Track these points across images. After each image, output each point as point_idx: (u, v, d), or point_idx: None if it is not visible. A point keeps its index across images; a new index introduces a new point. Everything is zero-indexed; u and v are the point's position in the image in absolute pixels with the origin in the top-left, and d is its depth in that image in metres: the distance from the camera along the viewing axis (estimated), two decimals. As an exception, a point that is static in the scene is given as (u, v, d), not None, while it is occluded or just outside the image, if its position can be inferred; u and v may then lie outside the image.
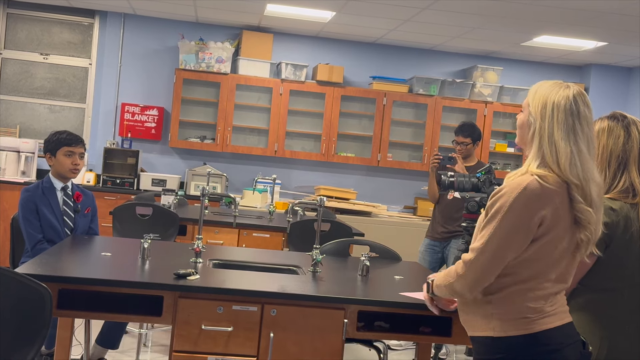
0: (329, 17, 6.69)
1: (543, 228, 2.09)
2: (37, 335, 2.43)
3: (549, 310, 2.13)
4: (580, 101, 2.16)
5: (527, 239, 2.09)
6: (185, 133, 7.51)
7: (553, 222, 2.09)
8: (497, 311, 2.15)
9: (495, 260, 2.10)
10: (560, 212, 2.09)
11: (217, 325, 2.81)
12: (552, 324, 2.12)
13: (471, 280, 2.15)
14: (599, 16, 5.77)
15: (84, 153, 4.14)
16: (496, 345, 2.14)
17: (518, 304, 2.12)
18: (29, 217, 3.95)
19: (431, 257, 5.37)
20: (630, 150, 2.40)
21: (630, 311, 2.41)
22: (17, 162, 7.03)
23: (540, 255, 2.11)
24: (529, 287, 2.13)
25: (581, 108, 2.15)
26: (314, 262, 3.37)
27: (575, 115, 2.13)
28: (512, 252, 2.10)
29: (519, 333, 2.11)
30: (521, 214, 2.07)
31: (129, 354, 4.69)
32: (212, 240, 5.17)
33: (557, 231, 2.10)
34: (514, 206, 2.07)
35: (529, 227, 2.07)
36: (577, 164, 2.10)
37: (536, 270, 2.12)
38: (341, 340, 2.88)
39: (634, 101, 7.89)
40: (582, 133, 2.13)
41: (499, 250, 2.10)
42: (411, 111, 7.87)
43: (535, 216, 2.07)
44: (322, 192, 7.25)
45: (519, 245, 2.10)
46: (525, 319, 2.12)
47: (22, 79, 7.58)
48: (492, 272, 2.12)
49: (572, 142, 2.11)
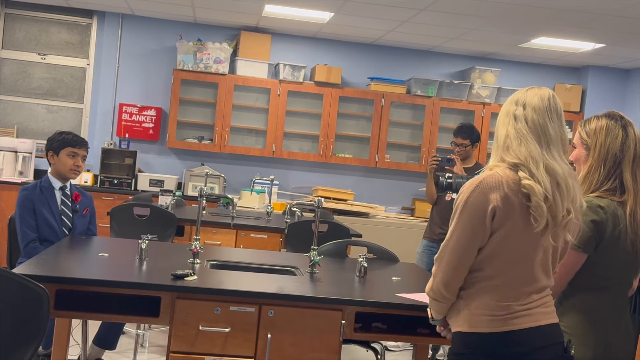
0: (327, 18, 6.69)
1: (497, 220, 2.09)
2: (34, 336, 2.43)
3: (520, 309, 2.12)
4: (533, 92, 2.20)
5: (484, 232, 2.10)
6: (183, 133, 7.51)
7: (506, 213, 2.08)
8: (467, 307, 2.16)
9: (459, 255, 2.13)
10: (511, 200, 2.09)
11: (215, 326, 2.81)
12: (522, 325, 2.10)
13: (442, 277, 2.18)
14: (596, 18, 5.77)
15: (86, 156, 4.14)
16: (464, 340, 2.16)
17: (486, 300, 2.13)
18: (25, 216, 3.95)
19: (428, 259, 5.36)
20: (627, 151, 2.41)
21: (620, 309, 2.44)
22: (15, 162, 7.02)
23: (501, 249, 2.11)
24: (496, 284, 2.13)
25: (529, 98, 2.19)
26: (311, 263, 3.37)
27: (520, 104, 2.18)
28: (473, 247, 2.12)
29: (486, 330, 2.11)
30: (474, 207, 2.10)
31: (126, 354, 4.69)
32: (209, 241, 5.17)
33: (512, 222, 2.09)
34: (469, 201, 2.12)
35: (483, 220, 2.09)
36: (513, 145, 2.13)
37: (501, 266, 2.12)
38: (338, 341, 2.88)
39: (631, 103, 7.90)
40: (526, 118, 2.15)
41: (460, 246, 2.13)
42: (409, 112, 7.88)
43: (487, 208, 2.08)
44: (319, 193, 7.25)
45: (477, 240, 2.11)
46: (493, 316, 2.11)
47: (19, 79, 7.57)
48: (459, 268, 2.14)
49: (510, 125, 2.16)
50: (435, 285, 2.21)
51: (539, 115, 2.16)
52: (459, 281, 2.17)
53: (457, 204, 2.16)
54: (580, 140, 2.50)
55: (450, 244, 2.16)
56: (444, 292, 2.18)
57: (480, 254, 2.13)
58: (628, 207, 2.38)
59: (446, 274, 2.17)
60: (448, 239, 2.17)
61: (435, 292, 2.21)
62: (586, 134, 2.48)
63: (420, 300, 2.92)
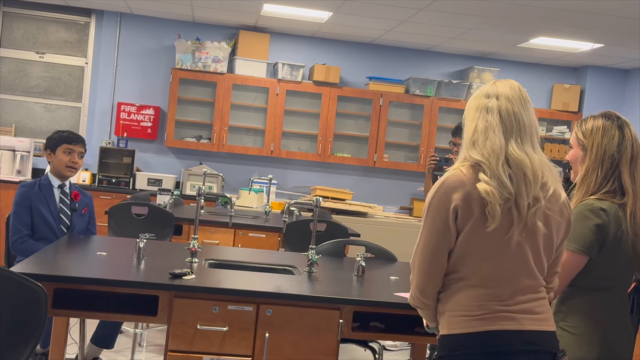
0: (325, 17, 6.69)
1: (460, 220, 2.04)
2: (32, 334, 2.43)
3: (501, 310, 2.04)
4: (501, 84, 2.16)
5: (451, 233, 2.05)
6: (182, 133, 7.50)
7: (468, 212, 2.03)
8: (445, 309, 2.11)
9: (429, 259, 2.09)
10: (472, 199, 2.03)
11: (213, 325, 2.80)
12: (502, 326, 2.03)
13: (417, 282, 2.14)
14: (595, 18, 5.78)
15: (83, 153, 4.14)
16: (444, 343, 2.10)
17: (461, 300, 2.07)
18: (20, 213, 3.95)
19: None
20: (624, 152, 2.41)
21: (622, 308, 2.45)
22: (13, 161, 7.01)
23: (468, 249, 2.05)
24: (471, 283, 2.07)
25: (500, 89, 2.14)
26: (309, 262, 3.37)
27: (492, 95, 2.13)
28: (441, 249, 2.07)
29: (463, 331, 2.05)
30: (437, 209, 2.06)
31: (123, 353, 4.68)
32: (207, 240, 5.17)
33: (475, 221, 2.03)
34: (432, 203, 2.08)
35: (446, 221, 2.04)
36: (479, 139, 2.08)
37: (472, 266, 2.06)
38: (336, 341, 2.88)
39: (630, 103, 7.90)
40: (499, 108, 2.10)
41: (428, 249, 2.09)
42: (407, 112, 7.88)
43: (449, 208, 2.04)
44: (318, 192, 7.24)
45: (445, 241, 2.06)
46: (469, 316, 2.05)
47: (17, 78, 7.56)
48: (432, 272, 2.10)
49: (480, 119, 2.11)
50: (412, 292, 2.17)
51: (512, 105, 2.10)
52: (434, 286, 2.11)
53: (424, 206, 2.12)
54: (577, 140, 2.49)
55: (419, 249, 2.12)
56: (422, 298, 2.14)
57: (451, 257, 2.08)
58: (628, 209, 2.38)
59: (420, 279, 2.12)
60: (417, 243, 2.13)
61: (414, 299, 2.17)
62: (582, 134, 2.47)
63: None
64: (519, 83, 2.19)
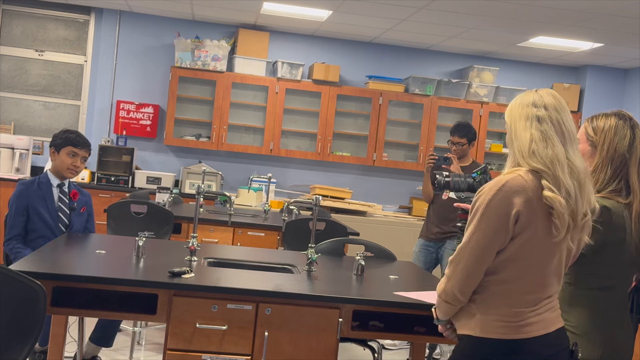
0: (325, 16, 6.68)
1: (520, 224, 2.07)
2: (31, 333, 2.42)
3: (532, 316, 2.10)
4: (546, 94, 2.17)
5: (506, 236, 2.08)
6: (181, 131, 7.50)
7: (529, 217, 2.07)
8: (479, 311, 2.14)
9: (477, 258, 2.10)
10: (534, 206, 2.07)
11: (212, 324, 2.80)
12: (534, 333, 2.09)
13: (458, 279, 2.14)
14: (595, 17, 5.78)
15: (87, 157, 4.13)
16: (474, 345, 2.14)
17: (499, 306, 2.11)
18: (15, 212, 3.94)
19: (425, 258, 5.37)
20: (634, 152, 2.41)
21: (624, 308, 2.45)
22: (12, 158, 7.01)
23: (520, 254, 2.09)
24: (510, 289, 2.11)
25: (546, 99, 2.16)
26: (309, 261, 3.36)
27: (540, 106, 2.15)
28: (492, 250, 2.09)
29: (498, 337, 2.10)
30: (497, 211, 2.07)
31: (122, 352, 4.68)
32: (206, 239, 5.17)
33: (534, 227, 2.07)
34: (491, 204, 2.08)
35: (506, 224, 2.06)
36: (539, 149, 2.10)
37: (517, 271, 2.10)
38: (336, 340, 2.88)
39: (630, 102, 7.90)
40: (550, 118, 2.12)
41: (479, 248, 2.09)
42: (407, 111, 7.88)
43: (511, 212, 2.06)
44: (317, 191, 7.24)
45: (497, 243, 2.09)
46: (506, 323, 2.10)
47: (17, 76, 7.55)
48: (476, 271, 2.12)
49: (533, 128, 2.12)
50: (449, 288, 2.17)
51: (559, 114, 2.14)
52: (474, 284, 2.14)
53: (477, 206, 2.11)
54: (586, 136, 2.49)
55: (469, 247, 2.12)
56: (459, 295, 2.15)
57: (497, 257, 2.10)
58: (634, 209, 2.38)
59: (462, 277, 2.13)
60: (467, 242, 2.12)
61: (449, 294, 2.18)
62: (593, 131, 2.47)
63: (417, 298, 2.92)
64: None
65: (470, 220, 2.13)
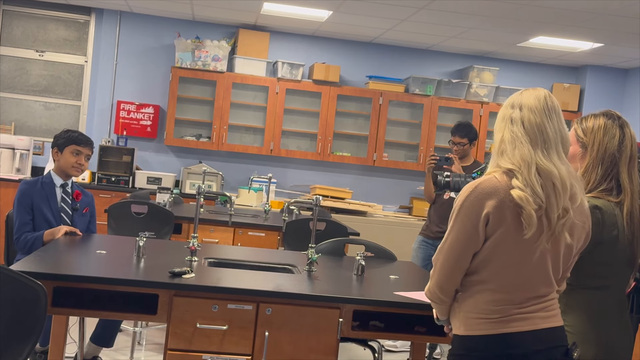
0: (325, 16, 6.69)
1: (491, 226, 2.08)
2: (31, 333, 2.43)
3: (517, 313, 2.10)
4: (528, 94, 2.18)
5: (479, 237, 2.09)
6: (181, 131, 7.50)
7: (500, 219, 2.07)
8: (463, 310, 2.17)
9: (454, 259, 2.13)
10: (505, 207, 2.06)
11: (212, 324, 2.80)
12: (519, 328, 2.09)
13: (437, 279, 2.18)
14: (595, 17, 5.78)
15: (90, 155, 4.14)
16: (460, 343, 2.17)
17: (480, 304, 2.13)
18: (21, 211, 3.95)
19: (423, 254, 5.37)
20: (624, 151, 2.41)
21: (621, 307, 2.45)
22: (12, 159, 7.01)
23: (494, 255, 2.10)
24: (490, 287, 2.12)
25: (525, 99, 2.17)
26: (309, 261, 3.37)
27: (516, 106, 2.16)
28: (466, 251, 2.11)
29: (480, 333, 2.11)
30: (469, 213, 2.10)
31: (123, 352, 4.68)
32: (207, 239, 5.17)
33: (505, 228, 2.07)
34: (464, 205, 2.11)
35: (476, 226, 2.08)
36: (507, 150, 2.12)
37: (494, 271, 2.11)
38: (336, 340, 2.88)
39: (630, 102, 7.90)
40: (522, 119, 2.13)
41: (455, 249, 2.13)
42: (407, 111, 7.88)
43: (481, 214, 2.07)
44: (317, 191, 7.25)
45: (472, 244, 2.10)
46: (487, 319, 2.11)
47: (17, 76, 7.56)
48: (454, 271, 2.14)
49: (506, 129, 2.15)
50: (431, 287, 2.22)
51: (536, 116, 2.13)
52: (453, 284, 2.17)
53: (455, 207, 2.16)
54: (576, 137, 2.49)
55: (445, 247, 2.16)
56: (440, 294, 2.20)
57: (475, 259, 2.13)
58: (625, 208, 2.38)
59: (441, 276, 2.17)
60: (444, 242, 2.17)
61: (432, 293, 2.23)
62: (582, 132, 2.47)
63: (417, 298, 2.92)
64: (547, 91, 2.20)
65: (449, 220, 2.18)
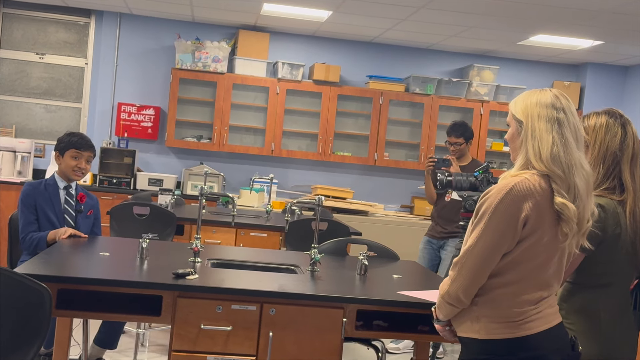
0: (325, 16, 6.69)
1: (528, 228, 2.08)
2: (36, 335, 2.43)
3: (534, 314, 2.11)
4: (561, 96, 2.17)
5: (513, 240, 2.08)
6: (182, 132, 7.51)
7: (537, 222, 2.07)
8: (483, 313, 2.15)
9: (483, 261, 2.10)
10: (542, 210, 2.07)
11: (216, 325, 2.81)
12: (537, 329, 2.10)
13: (462, 282, 2.14)
14: (595, 15, 5.78)
15: (92, 158, 4.14)
16: (480, 347, 2.15)
17: (504, 307, 2.12)
18: (25, 211, 3.96)
19: (429, 255, 5.37)
20: (626, 149, 2.41)
21: (623, 305, 2.45)
22: (13, 162, 7.01)
23: (525, 257, 2.10)
24: (514, 290, 2.11)
25: (563, 101, 2.16)
26: (312, 261, 3.37)
27: (559, 109, 2.14)
28: (499, 254, 2.10)
29: (503, 337, 2.11)
30: (505, 214, 2.07)
31: (126, 353, 4.69)
32: (209, 240, 5.17)
33: (541, 231, 2.08)
34: (500, 207, 2.07)
35: (514, 228, 2.07)
36: (561, 153, 2.09)
37: (522, 273, 2.11)
38: (340, 339, 2.89)
39: (630, 100, 7.91)
40: (568, 123, 2.12)
41: (486, 252, 2.09)
42: (408, 110, 7.88)
43: (519, 216, 2.06)
44: (319, 191, 7.25)
45: (505, 247, 2.09)
46: (510, 322, 2.11)
47: (18, 79, 7.56)
48: (481, 274, 2.12)
49: (554, 131, 2.11)
50: (453, 290, 2.17)
51: (575, 118, 2.14)
52: (478, 286, 2.14)
53: (484, 209, 2.11)
54: None
55: (475, 250, 2.11)
56: (462, 297, 2.15)
57: (502, 260, 2.11)
58: (628, 206, 2.38)
59: (467, 279, 2.13)
60: (472, 245, 2.11)
61: (452, 296, 2.18)
62: (585, 130, 2.47)
63: (421, 297, 2.93)
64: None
65: (476, 223, 2.13)
